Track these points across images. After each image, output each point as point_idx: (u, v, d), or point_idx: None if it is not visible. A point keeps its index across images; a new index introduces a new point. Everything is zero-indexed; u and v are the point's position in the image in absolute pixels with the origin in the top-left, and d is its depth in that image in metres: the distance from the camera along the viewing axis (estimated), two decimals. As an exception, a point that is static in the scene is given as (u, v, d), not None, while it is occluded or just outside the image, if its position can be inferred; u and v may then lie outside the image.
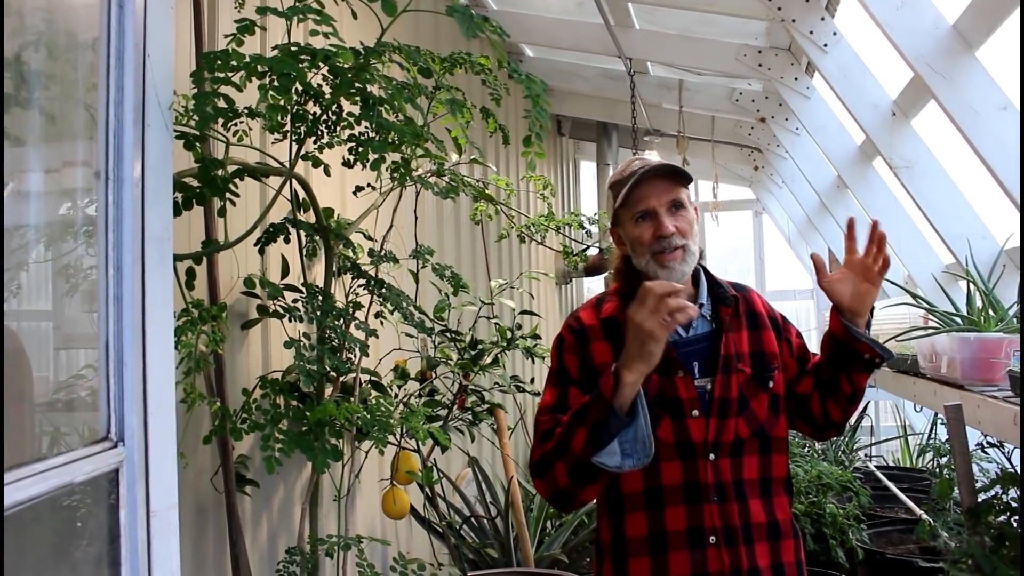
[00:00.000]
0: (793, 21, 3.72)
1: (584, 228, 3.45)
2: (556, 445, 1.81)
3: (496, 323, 2.99)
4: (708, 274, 2.01)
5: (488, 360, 2.88)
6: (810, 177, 5.62)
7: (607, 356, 1.89)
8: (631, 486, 1.86)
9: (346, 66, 1.65)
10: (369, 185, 2.42)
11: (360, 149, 1.78)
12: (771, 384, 1.92)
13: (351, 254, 2.47)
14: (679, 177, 1.91)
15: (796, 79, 4.60)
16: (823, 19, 3.70)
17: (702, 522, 1.82)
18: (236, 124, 1.91)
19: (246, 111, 1.83)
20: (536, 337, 2.98)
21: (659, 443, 1.79)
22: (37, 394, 1.28)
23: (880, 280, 1.92)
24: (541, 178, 2.83)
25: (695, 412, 1.84)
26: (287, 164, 2.02)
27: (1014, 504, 2.43)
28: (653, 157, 2.05)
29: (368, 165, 1.76)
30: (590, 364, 1.91)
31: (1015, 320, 2.64)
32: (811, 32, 3.70)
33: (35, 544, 1.12)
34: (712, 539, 1.81)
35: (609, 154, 7.47)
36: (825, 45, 3.70)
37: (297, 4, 1.64)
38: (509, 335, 2.89)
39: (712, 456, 1.84)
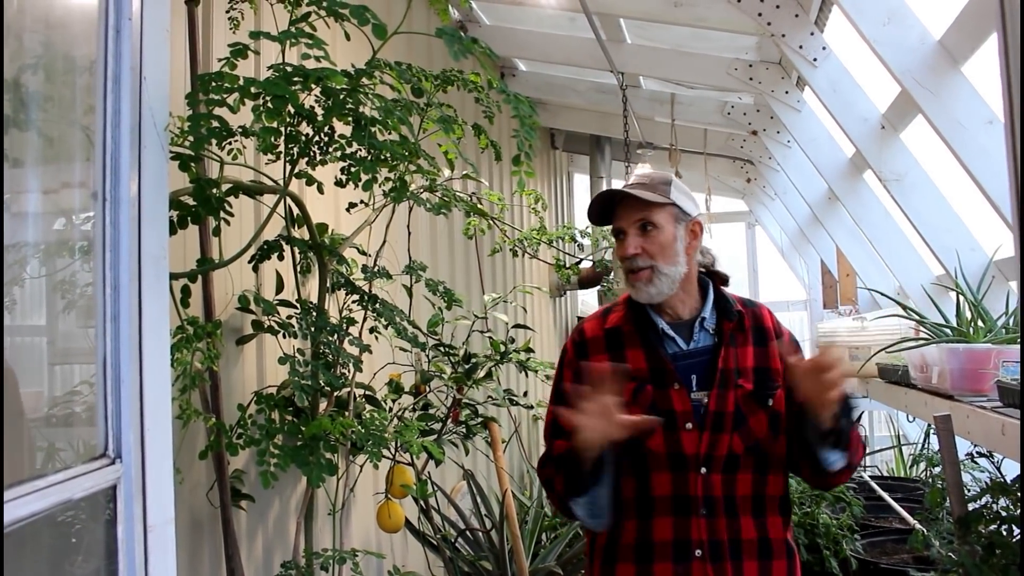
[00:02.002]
0: (783, 36, 3.76)
1: (576, 241, 3.46)
2: (545, 479, 1.92)
3: (490, 337, 3.01)
4: (717, 287, 2.01)
5: (482, 374, 2.89)
6: (802, 189, 5.65)
7: None
8: (626, 493, 1.89)
9: (338, 87, 1.67)
10: (362, 202, 2.44)
11: (352, 169, 1.81)
12: (771, 402, 1.89)
13: (345, 270, 2.49)
14: (645, 197, 1.89)
15: (787, 93, 4.64)
16: (812, 34, 3.74)
17: (689, 535, 1.83)
18: (230, 143, 1.93)
19: (240, 130, 1.86)
20: (529, 351, 3.00)
21: (651, 454, 1.85)
22: (33, 410, 1.30)
23: (831, 390, 1.70)
24: (533, 192, 2.85)
25: (688, 425, 1.86)
26: (281, 182, 2.04)
27: (1004, 513, 2.46)
28: (645, 169, 2.06)
29: (360, 186, 1.78)
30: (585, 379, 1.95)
31: (1004, 331, 2.67)
32: (801, 47, 3.74)
33: (35, 560, 1.14)
34: (698, 552, 1.83)
35: (602, 167, 7.50)
36: (815, 60, 3.74)
37: (290, 29, 1.67)
38: (502, 349, 2.91)
39: (704, 470, 1.85)
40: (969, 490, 2.63)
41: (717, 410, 1.86)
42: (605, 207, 1.96)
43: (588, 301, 8.67)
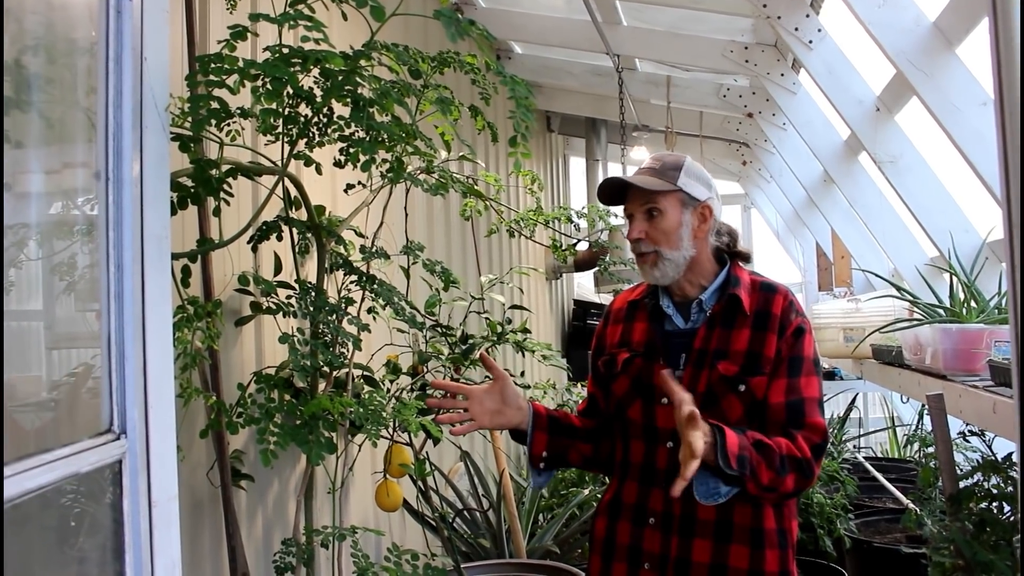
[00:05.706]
0: (779, 18, 3.77)
1: (572, 222, 3.47)
2: None
3: (486, 318, 3.03)
4: (733, 268, 2.02)
5: (478, 354, 2.91)
6: (797, 172, 5.66)
7: (616, 338, 2.09)
8: (618, 455, 2.04)
9: (337, 69, 1.68)
10: (360, 183, 2.45)
11: (351, 150, 1.82)
12: (742, 387, 1.88)
13: (343, 251, 2.50)
14: (648, 187, 1.94)
15: (782, 75, 4.65)
16: (808, 16, 3.75)
17: (647, 503, 1.93)
18: (229, 124, 1.94)
19: (239, 111, 1.87)
20: (526, 331, 3.01)
21: (630, 423, 1.99)
22: (33, 391, 1.31)
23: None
24: (529, 173, 2.86)
25: (664, 400, 1.91)
26: (279, 163, 2.05)
27: (995, 491, 2.49)
28: (661, 152, 2.11)
29: (359, 166, 1.80)
30: (603, 344, 2.12)
31: (996, 311, 2.69)
32: (796, 29, 3.75)
33: (43, 532, 1.16)
34: (651, 520, 1.92)
35: (598, 150, 7.49)
36: (810, 42, 3.74)
37: (288, 11, 1.67)
38: (499, 329, 2.93)
39: (671, 444, 1.90)
40: (961, 469, 2.66)
41: (687, 389, 1.85)
42: (616, 188, 2.01)
43: (584, 283, 8.69)
